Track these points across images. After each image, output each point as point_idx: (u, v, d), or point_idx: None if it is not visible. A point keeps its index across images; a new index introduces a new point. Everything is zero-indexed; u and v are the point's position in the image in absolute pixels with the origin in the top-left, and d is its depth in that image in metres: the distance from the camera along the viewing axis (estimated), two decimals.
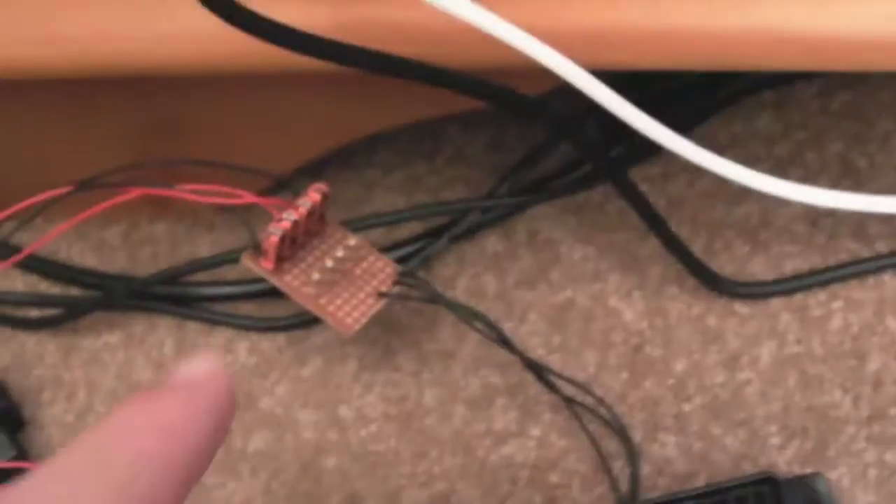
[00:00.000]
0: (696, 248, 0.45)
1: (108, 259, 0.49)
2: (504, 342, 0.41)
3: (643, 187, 0.44)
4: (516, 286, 0.46)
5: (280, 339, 0.46)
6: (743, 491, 0.37)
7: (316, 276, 0.41)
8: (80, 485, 0.24)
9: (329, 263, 0.42)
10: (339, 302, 0.41)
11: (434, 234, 0.47)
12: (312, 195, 0.41)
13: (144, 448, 0.26)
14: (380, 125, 0.46)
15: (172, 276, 0.47)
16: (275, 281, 0.42)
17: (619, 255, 0.47)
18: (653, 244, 0.46)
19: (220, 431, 0.28)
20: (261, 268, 0.42)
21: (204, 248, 0.49)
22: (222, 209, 0.49)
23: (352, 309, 0.41)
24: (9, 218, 0.42)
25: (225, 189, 0.42)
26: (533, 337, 0.45)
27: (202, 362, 0.28)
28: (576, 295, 0.46)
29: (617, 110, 0.37)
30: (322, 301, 0.41)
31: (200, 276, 0.48)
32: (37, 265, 0.49)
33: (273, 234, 0.40)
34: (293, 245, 0.42)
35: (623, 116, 0.37)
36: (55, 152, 0.47)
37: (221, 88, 0.44)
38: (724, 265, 0.46)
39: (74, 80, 0.41)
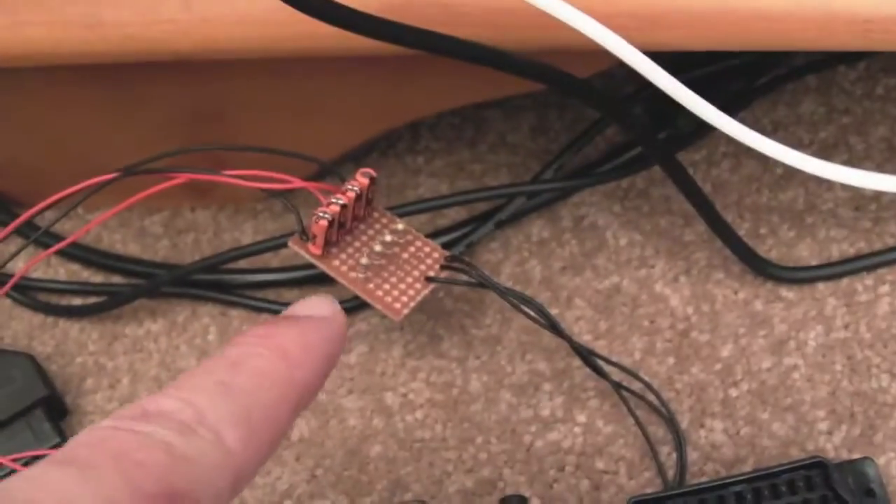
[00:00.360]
0: (742, 232, 0.45)
1: (151, 247, 0.49)
2: (554, 327, 0.41)
3: None
4: (562, 272, 0.46)
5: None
6: (793, 475, 0.37)
7: (364, 260, 0.41)
8: (206, 412, 0.25)
9: (377, 248, 0.42)
10: (387, 287, 0.41)
11: (479, 219, 0.47)
12: (360, 179, 0.41)
13: (264, 370, 0.27)
14: (423, 111, 0.46)
15: (215, 264, 0.47)
16: (323, 266, 0.41)
17: (664, 240, 0.46)
18: (698, 230, 0.46)
19: (329, 364, 0.29)
20: (308, 252, 0.41)
21: (246, 235, 0.49)
22: (265, 196, 0.49)
23: (400, 294, 0.41)
24: (50, 206, 0.42)
25: (272, 174, 0.41)
26: (579, 322, 0.45)
27: (320, 300, 0.29)
28: (622, 280, 0.46)
29: (672, 91, 0.36)
30: (370, 286, 0.41)
31: (243, 264, 0.48)
32: (79, 253, 0.49)
33: (322, 218, 0.40)
34: (340, 230, 0.41)
35: (678, 97, 0.37)
36: (98, 140, 0.47)
37: (265, 74, 0.43)
38: (769, 250, 0.46)
39: (119, 66, 0.41)
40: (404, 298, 0.41)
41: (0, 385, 0.45)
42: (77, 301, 0.48)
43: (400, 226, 0.42)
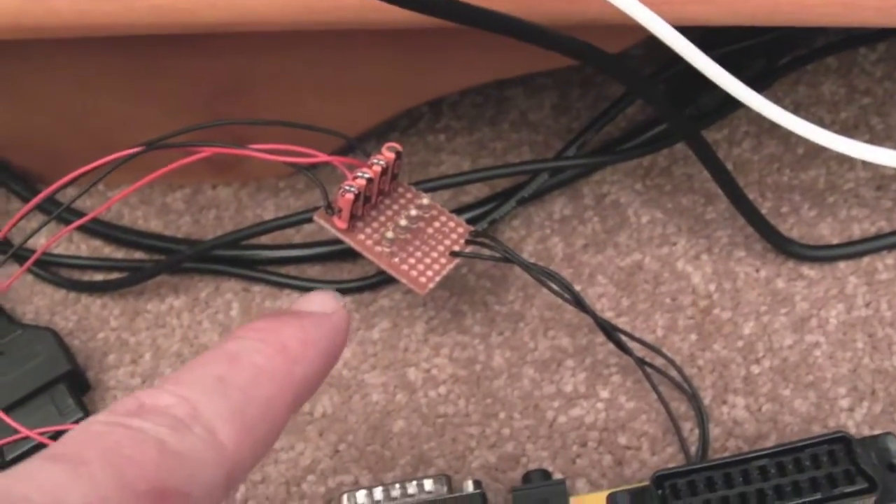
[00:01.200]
0: (763, 211, 0.45)
1: (173, 223, 0.49)
2: (577, 302, 0.41)
3: None
4: (584, 249, 0.46)
5: (347, 301, 0.46)
6: (816, 450, 0.37)
7: (389, 234, 0.41)
8: (201, 408, 0.25)
9: (402, 223, 0.42)
10: (412, 261, 0.41)
11: (501, 196, 0.47)
12: (386, 154, 0.41)
13: (262, 365, 0.27)
14: (447, 87, 0.46)
15: (238, 239, 0.47)
16: (348, 240, 0.42)
17: (686, 218, 0.46)
18: (719, 208, 0.46)
19: (330, 360, 0.29)
20: (334, 226, 0.42)
21: (268, 212, 0.49)
22: (287, 173, 0.49)
23: (425, 268, 0.41)
24: (72, 182, 0.42)
25: (297, 148, 0.41)
26: (601, 299, 0.45)
27: (323, 296, 0.30)
28: (644, 258, 0.46)
29: (703, 67, 0.37)
30: (395, 260, 0.41)
31: (266, 240, 0.48)
32: (101, 229, 0.49)
33: (348, 191, 0.40)
34: (366, 204, 0.42)
35: (708, 73, 0.37)
36: (119, 115, 0.47)
37: (289, 49, 0.44)
38: (790, 228, 0.46)
39: (143, 39, 0.41)
40: (429, 273, 0.41)
41: (23, 360, 0.45)
42: (99, 277, 0.49)
43: (425, 200, 0.43)
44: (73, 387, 0.45)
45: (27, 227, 0.49)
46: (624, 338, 0.42)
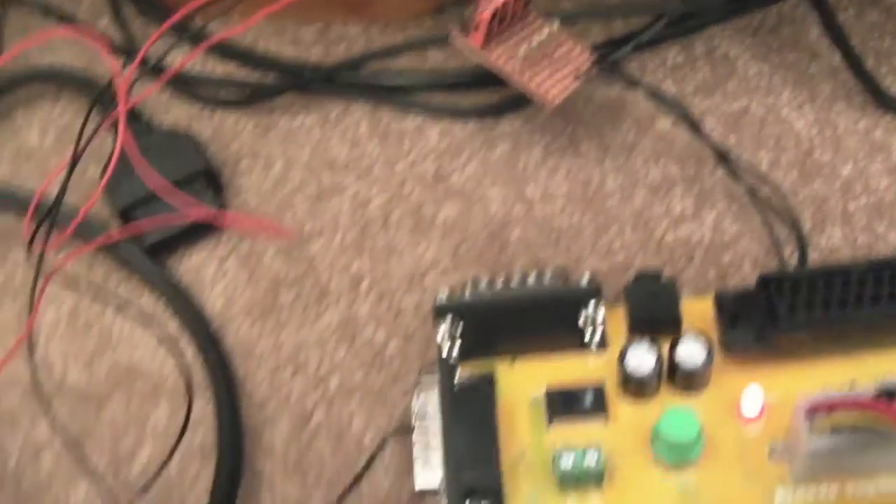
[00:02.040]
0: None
1: (304, 53, 0.52)
2: (694, 127, 0.44)
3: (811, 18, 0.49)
4: (694, 93, 0.49)
5: (470, 125, 0.49)
6: None
7: (522, 52, 0.45)
8: None
9: (533, 44, 0.45)
10: (539, 79, 0.45)
11: (618, 43, 0.50)
12: None
13: None
14: None
15: (366, 60, 0.50)
16: (482, 56, 0.45)
17: (791, 72, 0.50)
18: (822, 65, 0.49)
19: None
20: (469, 44, 0.45)
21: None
22: (417, 15, 0.52)
23: (552, 86, 0.45)
24: (206, 7, 0.45)
25: None
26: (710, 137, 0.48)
27: None
28: (750, 104, 0.49)
29: None
30: (526, 76, 0.44)
31: (393, 68, 0.51)
32: (234, 53, 0.52)
33: (485, 9, 0.43)
34: (500, 25, 0.45)
35: None
36: None
37: None
38: (890, 86, 0.49)
39: None
40: (557, 89, 0.45)
41: (163, 157, 0.47)
42: (233, 95, 0.51)
43: (555, 26, 0.46)
44: (210, 183, 0.48)
45: (161, 50, 0.51)
46: (733, 164, 0.45)
